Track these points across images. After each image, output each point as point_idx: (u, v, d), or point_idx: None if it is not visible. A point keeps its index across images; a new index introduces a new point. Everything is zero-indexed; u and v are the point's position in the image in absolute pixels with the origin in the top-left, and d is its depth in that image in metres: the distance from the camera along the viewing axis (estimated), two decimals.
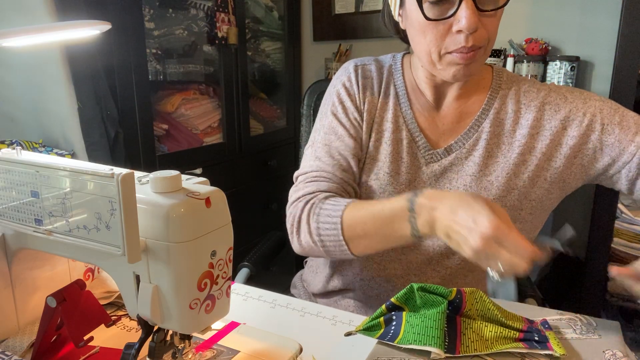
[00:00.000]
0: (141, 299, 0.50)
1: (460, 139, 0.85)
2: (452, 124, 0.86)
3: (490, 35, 0.75)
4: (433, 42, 0.75)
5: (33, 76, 1.25)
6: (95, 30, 0.67)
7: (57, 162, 0.53)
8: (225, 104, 1.97)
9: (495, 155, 0.83)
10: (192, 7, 1.82)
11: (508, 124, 0.84)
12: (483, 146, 0.83)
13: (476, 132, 0.84)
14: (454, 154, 0.84)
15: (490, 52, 0.80)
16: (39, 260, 0.65)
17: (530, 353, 0.57)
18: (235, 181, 2.03)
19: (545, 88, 0.85)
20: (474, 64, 0.77)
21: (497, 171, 0.82)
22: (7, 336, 0.64)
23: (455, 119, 0.86)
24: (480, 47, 0.75)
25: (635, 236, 1.65)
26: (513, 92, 0.85)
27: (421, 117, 0.87)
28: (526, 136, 0.82)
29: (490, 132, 0.83)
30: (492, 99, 0.85)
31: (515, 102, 0.84)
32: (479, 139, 0.84)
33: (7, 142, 1.14)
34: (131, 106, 1.50)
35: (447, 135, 0.86)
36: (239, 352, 0.59)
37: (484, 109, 0.85)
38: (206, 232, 0.49)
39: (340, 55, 2.28)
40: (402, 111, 0.87)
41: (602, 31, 1.84)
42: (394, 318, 0.63)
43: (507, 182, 0.81)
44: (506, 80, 0.87)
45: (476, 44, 0.73)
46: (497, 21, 0.75)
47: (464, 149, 0.84)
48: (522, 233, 0.76)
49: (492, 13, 0.73)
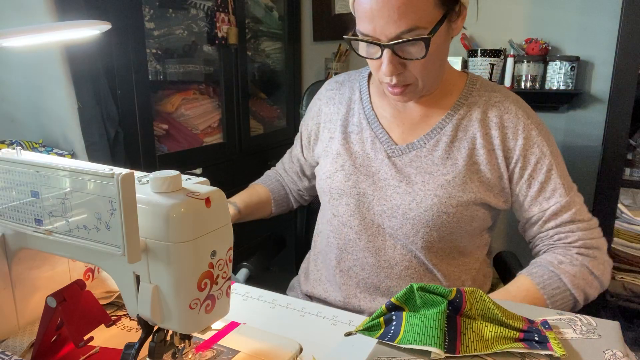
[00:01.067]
0: (141, 299, 0.50)
1: (422, 138, 0.90)
2: (415, 124, 0.92)
3: (419, 75, 0.81)
4: (373, 70, 0.87)
5: (33, 76, 1.25)
6: (95, 30, 0.67)
7: (57, 162, 0.53)
8: (225, 104, 1.97)
9: (455, 157, 0.88)
10: (192, 7, 1.82)
11: (470, 131, 0.88)
12: (443, 147, 0.88)
13: (438, 134, 0.89)
14: (414, 152, 0.90)
15: (430, 84, 0.85)
16: (39, 260, 0.65)
17: (530, 353, 0.57)
18: (235, 181, 2.01)
19: (514, 110, 0.88)
20: (410, 94, 0.85)
21: (455, 172, 0.86)
22: (7, 336, 0.64)
23: (418, 118, 0.92)
24: (409, 84, 0.83)
25: (635, 236, 1.66)
26: (482, 102, 0.90)
27: (383, 119, 0.95)
28: (484, 146, 0.87)
29: (451, 136, 0.88)
30: (460, 105, 0.90)
31: (482, 112, 0.89)
32: (439, 141, 0.89)
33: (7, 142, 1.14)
34: (131, 106, 1.50)
35: (409, 134, 0.92)
36: (239, 352, 0.59)
37: (450, 114, 0.90)
38: (206, 232, 0.49)
39: (340, 55, 2.28)
40: (366, 114, 0.96)
41: (602, 31, 1.84)
42: (394, 318, 0.63)
43: (463, 184, 0.86)
44: (479, 88, 0.92)
45: (402, 83, 0.82)
46: (423, 64, 0.79)
47: (425, 148, 0.90)
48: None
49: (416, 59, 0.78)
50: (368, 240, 0.92)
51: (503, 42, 1.99)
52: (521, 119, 0.87)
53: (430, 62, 0.80)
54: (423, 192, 0.86)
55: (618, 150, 1.56)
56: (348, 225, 0.93)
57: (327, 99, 1.03)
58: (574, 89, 1.85)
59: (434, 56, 0.79)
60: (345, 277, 0.95)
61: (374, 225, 0.91)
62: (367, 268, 0.92)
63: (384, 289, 0.92)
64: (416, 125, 0.92)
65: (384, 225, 0.90)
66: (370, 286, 0.92)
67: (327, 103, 1.03)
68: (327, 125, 1.01)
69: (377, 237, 0.91)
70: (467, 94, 0.91)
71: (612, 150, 1.57)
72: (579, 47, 1.90)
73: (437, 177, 0.87)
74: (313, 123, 1.05)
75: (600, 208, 1.63)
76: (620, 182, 1.60)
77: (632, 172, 1.72)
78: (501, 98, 0.89)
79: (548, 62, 1.86)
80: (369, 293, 0.93)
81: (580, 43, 1.90)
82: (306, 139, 1.08)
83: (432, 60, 0.80)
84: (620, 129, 1.54)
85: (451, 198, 0.85)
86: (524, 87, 1.89)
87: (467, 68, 1.96)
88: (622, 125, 1.54)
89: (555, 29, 1.92)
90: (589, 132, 1.94)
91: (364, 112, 0.97)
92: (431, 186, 0.86)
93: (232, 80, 1.98)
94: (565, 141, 2.01)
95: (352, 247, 0.93)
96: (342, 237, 0.94)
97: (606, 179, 1.60)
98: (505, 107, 0.88)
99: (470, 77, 0.93)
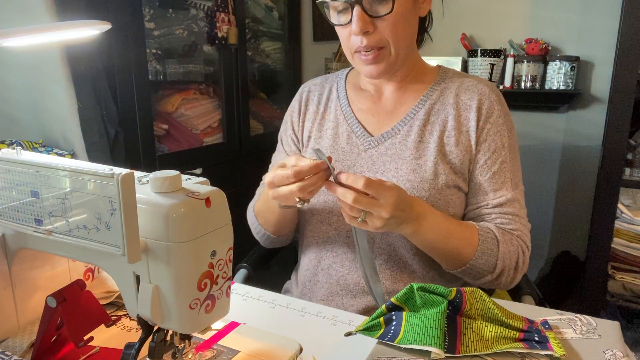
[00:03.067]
0: (141, 299, 0.50)
1: (396, 126, 0.92)
2: (389, 113, 0.94)
3: (389, 37, 0.83)
4: (344, 42, 0.87)
5: (33, 76, 1.25)
6: (95, 30, 0.67)
7: (57, 162, 0.53)
8: (225, 104, 1.97)
9: (427, 140, 0.89)
10: (192, 7, 1.82)
11: (442, 115, 0.90)
12: (415, 132, 0.90)
13: (411, 120, 0.91)
14: (389, 140, 0.91)
15: (403, 52, 0.87)
16: (39, 260, 0.65)
17: (530, 353, 0.57)
18: (235, 181, 2.03)
19: (488, 93, 0.90)
20: (381, 63, 0.86)
21: (427, 155, 0.88)
22: (7, 336, 0.64)
23: (393, 108, 0.95)
24: (382, 47, 0.84)
25: (635, 236, 1.65)
26: (455, 86, 0.92)
27: (360, 112, 0.97)
28: (455, 128, 0.89)
29: (423, 120, 0.90)
30: (433, 90, 0.93)
31: (455, 95, 0.91)
32: (412, 126, 0.91)
33: (7, 142, 1.14)
34: (131, 106, 1.50)
35: (384, 124, 0.94)
36: (239, 352, 0.59)
37: (422, 100, 0.93)
38: (206, 232, 0.49)
39: (340, 55, 2.28)
40: (342, 110, 0.98)
41: (602, 31, 1.84)
42: (394, 318, 0.63)
43: (435, 166, 0.87)
44: (451, 76, 0.95)
45: (373, 44, 0.83)
46: (392, 25, 0.82)
47: (399, 134, 0.91)
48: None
49: (386, 17, 0.81)
50: (347, 236, 0.91)
51: (503, 42, 1.99)
52: (494, 104, 0.89)
53: (398, 26, 0.82)
54: (396, 179, 0.87)
55: (618, 150, 1.56)
56: (327, 223, 0.93)
57: (306, 102, 1.03)
58: (574, 89, 1.85)
59: (402, 20, 0.83)
60: (326, 276, 0.94)
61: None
62: (346, 264, 0.92)
63: (363, 285, 0.90)
64: (390, 113, 0.94)
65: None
66: (350, 283, 0.91)
67: (306, 104, 1.03)
68: (307, 125, 1.02)
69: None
70: (440, 81, 0.94)
71: (612, 150, 1.57)
72: (579, 47, 1.90)
73: (409, 162, 0.88)
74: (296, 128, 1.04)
75: (600, 208, 1.63)
76: (620, 182, 1.60)
77: (632, 172, 1.72)
78: (474, 82, 0.92)
79: (548, 62, 1.86)
80: (349, 290, 0.92)
81: (580, 43, 1.90)
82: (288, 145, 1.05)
83: (401, 24, 0.83)
84: (620, 129, 1.54)
85: (423, 182, 0.86)
86: (524, 87, 1.90)
87: (467, 68, 1.96)
88: (622, 125, 1.54)
89: (555, 29, 1.92)
90: (589, 132, 1.94)
91: (340, 107, 0.98)
92: (404, 172, 0.87)
93: (232, 80, 1.98)
94: (565, 141, 2.01)
95: (331, 245, 0.93)
96: (321, 236, 0.95)
97: (606, 179, 1.60)
98: (479, 90, 0.90)
99: (442, 68, 0.97)
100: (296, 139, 1.03)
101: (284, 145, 1.06)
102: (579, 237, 2.03)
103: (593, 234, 1.67)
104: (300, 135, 1.03)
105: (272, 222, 0.97)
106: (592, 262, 1.67)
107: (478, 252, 0.82)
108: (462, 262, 0.82)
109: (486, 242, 0.83)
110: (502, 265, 0.83)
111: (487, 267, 0.83)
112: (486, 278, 0.84)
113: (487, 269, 0.83)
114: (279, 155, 1.07)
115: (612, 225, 1.63)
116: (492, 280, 0.85)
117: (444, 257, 0.83)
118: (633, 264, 1.65)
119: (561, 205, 2.06)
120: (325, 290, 0.94)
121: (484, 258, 0.82)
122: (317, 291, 0.96)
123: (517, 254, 0.85)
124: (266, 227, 0.99)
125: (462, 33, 2.04)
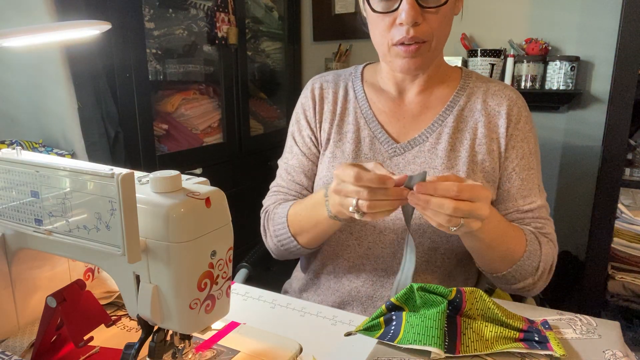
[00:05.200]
0: (141, 299, 0.50)
1: (423, 133, 0.88)
2: (414, 118, 0.90)
3: (435, 31, 0.80)
4: (382, 33, 0.82)
5: (33, 76, 1.25)
6: (95, 30, 0.67)
7: (57, 162, 0.53)
8: (225, 104, 1.97)
9: (458, 149, 0.86)
10: (192, 7, 1.82)
11: (471, 122, 0.88)
12: (446, 139, 0.86)
13: (439, 127, 0.88)
14: (417, 147, 0.88)
15: (440, 50, 0.85)
16: (39, 260, 0.65)
17: (530, 353, 0.57)
18: (235, 181, 2.03)
19: (515, 98, 0.89)
20: (419, 57, 0.81)
21: (459, 164, 0.85)
22: (7, 336, 0.64)
23: (418, 112, 0.90)
24: (425, 42, 0.80)
25: (635, 236, 1.65)
26: (481, 92, 0.90)
27: (382, 115, 0.91)
28: (486, 135, 0.86)
29: (453, 127, 0.87)
30: (459, 96, 0.90)
31: (482, 101, 0.89)
32: (442, 133, 0.87)
33: (7, 142, 1.14)
34: (131, 106, 1.50)
35: (410, 129, 0.90)
36: (239, 352, 0.59)
37: (449, 105, 0.89)
38: (206, 232, 0.49)
39: (340, 55, 2.28)
40: (362, 112, 0.93)
41: (602, 31, 1.84)
42: (394, 318, 0.63)
43: (467, 175, 0.85)
44: (475, 79, 0.92)
45: (418, 36, 0.79)
46: (441, 18, 0.79)
47: (427, 142, 0.88)
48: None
49: (434, 10, 0.78)
50: (368, 247, 0.88)
51: (503, 42, 1.99)
52: (522, 110, 0.88)
53: (444, 22, 0.80)
54: None
55: (618, 150, 1.56)
56: (348, 231, 0.89)
57: (320, 99, 0.96)
58: (574, 89, 1.85)
59: (450, 15, 0.81)
60: (338, 284, 0.92)
61: (376, 231, 0.87)
62: (362, 275, 0.89)
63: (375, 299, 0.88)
64: (417, 117, 0.90)
65: (386, 231, 0.86)
66: (363, 295, 0.89)
67: (320, 102, 0.96)
68: (324, 127, 0.95)
69: (377, 245, 0.87)
70: (465, 85, 0.91)
71: (612, 150, 1.57)
72: (579, 47, 1.90)
73: (441, 172, 0.84)
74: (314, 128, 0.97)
75: (600, 208, 1.63)
76: (620, 182, 1.60)
77: (632, 172, 1.72)
78: (501, 87, 0.90)
79: (548, 62, 1.86)
80: (360, 302, 0.89)
81: (580, 43, 1.90)
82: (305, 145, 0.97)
83: (447, 19, 0.81)
84: (620, 129, 1.54)
85: None
86: (524, 87, 1.89)
87: (467, 68, 1.96)
88: (622, 125, 1.54)
89: (555, 29, 1.92)
90: (589, 132, 1.94)
91: (360, 109, 0.93)
92: None
93: (232, 80, 1.98)
94: (565, 141, 2.01)
95: (349, 254, 0.90)
96: (339, 243, 0.90)
97: (606, 179, 1.60)
98: (507, 95, 0.88)
99: (464, 70, 0.94)
100: (315, 140, 0.96)
101: (300, 145, 0.96)
102: (579, 237, 2.02)
103: (593, 234, 1.67)
104: (319, 136, 0.95)
105: (310, 231, 0.85)
106: (592, 262, 1.67)
107: (526, 253, 0.79)
108: (512, 262, 0.79)
109: (531, 243, 0.80)
110: (543, 267, 0.81)
111: (530, 269, 0.80)
112: (527, 281, 0.81)
113: (530, 271, 0.80)
114: (294, 158, 0.97)
115: (612, 225, 1.63)
116: (531, 283, 0.82)
117: (498, 256, 0.79)
118: (633, 264, 1.65)
119: (561, 205, 2.06)
120: (335, 297, 0.91)
121: (530, 259, 0.80)
122: (321, 295, 0.94)
123: (553, 258, 0.84)
124: (299, 237, 0.88)
125: (462, 33, 2.04)
